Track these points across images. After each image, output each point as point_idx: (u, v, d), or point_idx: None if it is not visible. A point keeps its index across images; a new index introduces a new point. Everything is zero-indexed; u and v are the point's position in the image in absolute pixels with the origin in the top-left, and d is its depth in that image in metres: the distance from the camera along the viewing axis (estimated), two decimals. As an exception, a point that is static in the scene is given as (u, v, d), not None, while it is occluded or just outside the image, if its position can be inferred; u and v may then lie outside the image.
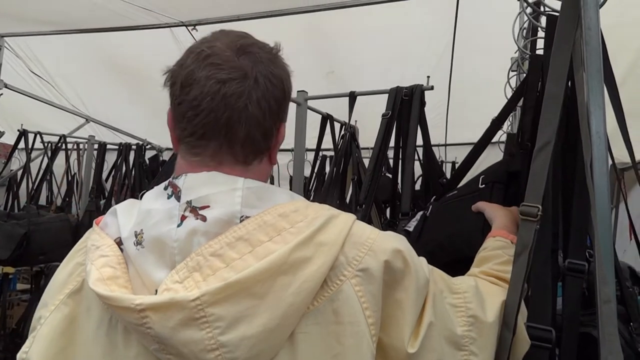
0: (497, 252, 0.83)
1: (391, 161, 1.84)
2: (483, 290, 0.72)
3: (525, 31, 1.89)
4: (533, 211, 0.78)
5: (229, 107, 0.60)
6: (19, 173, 3.45)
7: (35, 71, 3.53)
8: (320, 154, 3.32)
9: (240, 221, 0.57)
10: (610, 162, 0.77)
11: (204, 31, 2.85)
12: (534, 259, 0.78)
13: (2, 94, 3.14)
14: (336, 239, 0.58)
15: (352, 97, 2.09)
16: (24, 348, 0.63)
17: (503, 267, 0.80)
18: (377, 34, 2.91)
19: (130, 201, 0.65)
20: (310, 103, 2.16)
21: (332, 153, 2.53)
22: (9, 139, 3.43)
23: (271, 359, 0.54)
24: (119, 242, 0.61)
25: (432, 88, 1.67)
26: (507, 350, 0.72)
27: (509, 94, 2.44)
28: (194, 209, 0.57)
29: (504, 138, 2.91)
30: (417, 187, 2.09)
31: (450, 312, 0.66)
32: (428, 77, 1.75)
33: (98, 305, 0.60)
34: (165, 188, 0.61)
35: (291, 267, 0.54)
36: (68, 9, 2.74)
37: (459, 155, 3.88)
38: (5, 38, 3.19)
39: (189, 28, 2.88)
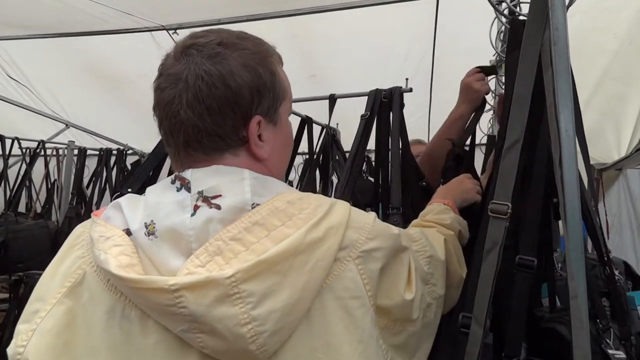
0: (432, 208, 1.05)
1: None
2: (429, 235, 0.87)
3: (502, 34, 1.92)
4: (503, 209, 0.79)
5: (166, 115, 0.65)
6: (-3, 180, 3.38)
7: (13, 76, 3.47)
8: (304, 157, 3.33)
9: (252, 208, 0.61)
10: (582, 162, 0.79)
11: (184, 35, 2.87)
12: (477, 253, 0.84)
13: (-22, 99, 3.09)
14: (340, 223, 0.64)
15: (332, 99, 2.10)
16: (19, 342, 0.62)
17: (439, 216, 1.00)
18: (358, 38, 2.93)
19: (130, 196, 0.67)
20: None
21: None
22: (-14, 145, 3.36)
23: (292, 332, 0.59)
24: (128, 233, 0.62)
25: (410, 90, 1.69)
26: (478, 344, 0.74)
27: (488, 95, 2.48)
28: (206, 199, 0.60)
29: (484, 140, 2.95)
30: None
31: (417, 256, 0.78)
32: (407, 79, 1.76)
33: (106, 295, 0.60)
34: (173, 182, 0.63)
35: (307, 247, 0.59)
36: (46, 13, 2.70)
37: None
38: (-19, 42, 3.14)
39: (170, 32, 2.86)
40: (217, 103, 0.63)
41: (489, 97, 2.54)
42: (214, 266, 0.56)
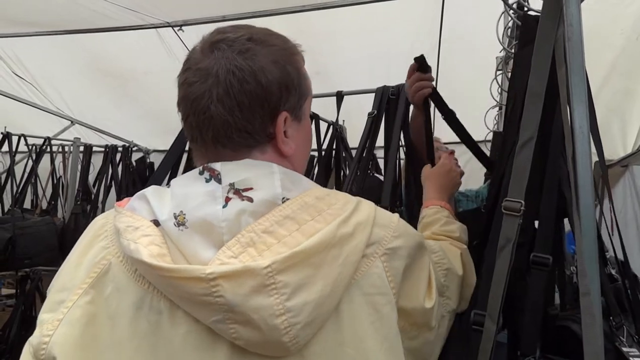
0: (436, 217, 1.02)
1: (381, 161, 1.84)
2: (445, 249, 0.87)
3: (509, 30, 1.91)
4: (516, 206, 0.79)
5: (195, 110, 0.64)
6: (3, 176, 3.40)
7: (19, 73, 3.48)
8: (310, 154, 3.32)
9: (282, 202, 0.61)
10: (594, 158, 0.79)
11: (190, 32, 2.88)
12: (488, 250, 0.84)
13: (-16, 97, 3.10)
14: (367, 220, 0.65)
15: (340, 96, 2.10)
16: (44, 331, 0.61)
17: (446, 227, 0.99)
18: (363, 34, 2.92)
19: (155, 187, 0.66)
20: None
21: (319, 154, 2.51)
22: (-8, 142, 3.38)
23: (322, 325, 0.59)
24: (155, 224, 0.62)
25: (418, 87, 1.68)
26: (491, 341, 0.74)
27: (495, 92, 2.47)
28: (238, 191, 0.61)
29: (490, 137, 2.94)
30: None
31: (435, 267, 0.79)
32: (414, 76, 1.75)
33: (133, 286, 0.60)
34: (201, 173, 0.63)
35: (339, 241, 0.60)
36: (52, 10, 2.70)
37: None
38: (-13, 40, 3.15)
39: (175, 29, 2.86)
40: (248, 98, 0.63)
41: (495, 93, 2.54)
42: (247, 257, 0.57)
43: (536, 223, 0.90)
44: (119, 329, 0.59)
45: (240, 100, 0.63)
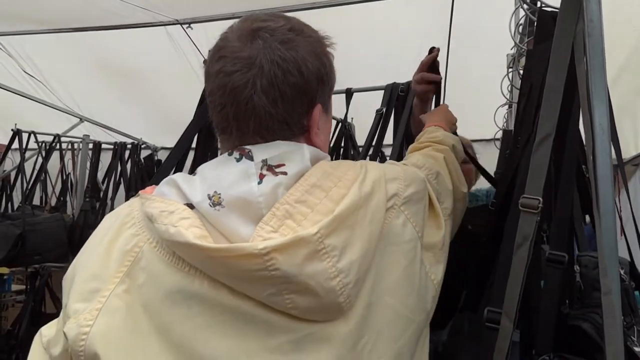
0: (427, 129, 1.07)
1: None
2: (428, 155, 0.90)
3: (521, 27, 1.90)
4: (534, 203, 0.78)
5: (236, 100, 0.63)
6: (13, 173, 3.42)
7: (28, 71, 3.50)
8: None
9: None
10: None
11: (198, 29, 2.88)
12: (504, 247, 0.84)
13: (-5, 94, 3.12)
14: (379, 177, 0.67)
15: (349, 93, 2.09)
16: (81, 321, 0.58)
17: (429, 135, 1.02)
18: (372, 31, 2.91)
19: (181, 174, 0.66)
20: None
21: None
22: (2, 139, 3.40)
23: (364, 282, 0.61)
24: (190, 207, 0.61)
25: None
26: (508, 339, 0.74)
27: (505, 90, 2.45)
28: (270, 167, 0.61)
29: (499, 135, 2.92)
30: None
31: (429, 178, 0.81)
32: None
33: (171, 270, 0.59)
34: (230, 154, 0.63)
35: (364, 201, 0.62)
36: (61, 8, 2.72)
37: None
38: (-3, 37, 3.17)
39: (184, 26, 2.87)
40: (291, 90, 0.63)
41: (505, 91, 2.52)
42: (287, 230, 0.57)
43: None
44: (162, 315, 0.58)
45: (283, 91, 0.62)
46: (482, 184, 2.35)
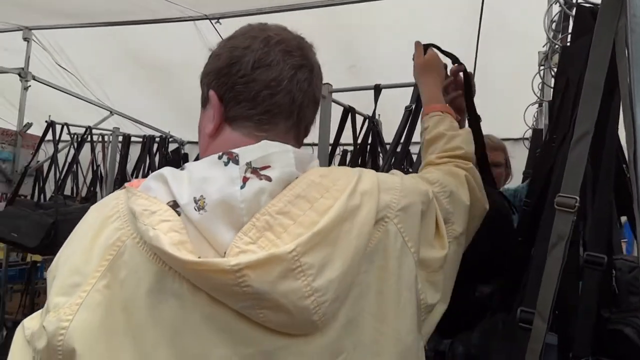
0: (439, 131, 0.99)
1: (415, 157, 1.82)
2: (447, 174, 0.86)
3: (555, 24, 1.85)
4: (570, 202, 0.76)
5: (302, 91, 0.69)
6: (45, 164, 3.52)
7: (62, 64, 3.59)
8: (342, 148, 3.31)
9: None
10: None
11: (227, 24, 2.91)
12: (538, 247, 0.82)
13: (30, 86, 3.22)
14: (372, 187, 0.65)
15: (377, 89, 2.07)
16: (62, 315, 0.58)
17: (450, 145, 0.96)
18: (400, 27, 2.88)
19: (170, 168, 0.65)
20: (333, 96, 2.14)
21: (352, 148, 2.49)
22: (37, 130, 3.50)
23: (345, 298, 0.60)
24: (173, 206, 0.60)
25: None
26: (541, 341, 0.72)
27: (536, 88, 2.40)
28: (255, 170, 0.60)
29: (528, 134, 2.86)
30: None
31: (439, 197, 0.79)
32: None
33: (152, 268, 0.58)
34: (220, 157, 0.62)
35: (350, 215, 0.61)
36: (94, 2, 2.78)
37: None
38: (33, 31, 3.26)
39: (213, 21, 2.90)
40: (313, 98, 0.73)
41: (536, 89, 2.46)
42: (266, 242, 0.56)
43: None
44: (139, 314, 0.57)
45: (318, 95, 0.73)
46: (511, 183, 2.32)
